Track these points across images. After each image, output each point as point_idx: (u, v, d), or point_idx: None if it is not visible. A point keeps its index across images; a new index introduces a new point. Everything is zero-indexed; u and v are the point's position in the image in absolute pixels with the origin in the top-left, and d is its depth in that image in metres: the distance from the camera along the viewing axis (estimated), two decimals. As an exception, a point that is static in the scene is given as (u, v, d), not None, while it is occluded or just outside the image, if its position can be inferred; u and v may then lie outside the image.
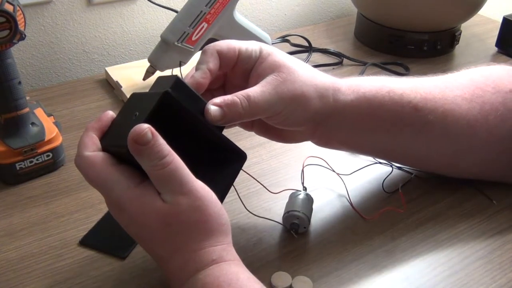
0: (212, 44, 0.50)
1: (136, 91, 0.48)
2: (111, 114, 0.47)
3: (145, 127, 0.41)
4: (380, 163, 0.65)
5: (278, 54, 0.51)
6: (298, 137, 0.55)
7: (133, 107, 0.46)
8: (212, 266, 0.42)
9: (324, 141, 0.56)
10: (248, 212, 0.58)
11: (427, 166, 0.61)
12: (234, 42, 0.50)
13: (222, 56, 0.49)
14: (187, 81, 0.47)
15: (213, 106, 0.46)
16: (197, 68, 0.49)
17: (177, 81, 0.45)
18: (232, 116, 0.46)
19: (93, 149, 0.44)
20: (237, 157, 0.48)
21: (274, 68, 0.49)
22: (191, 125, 0.45)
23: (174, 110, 0.44)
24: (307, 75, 0.51)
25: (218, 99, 0.46)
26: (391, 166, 0.64)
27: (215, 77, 0.50)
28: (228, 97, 0.46)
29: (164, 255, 0.44)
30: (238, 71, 0.51)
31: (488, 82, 0.57)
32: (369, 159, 0.65)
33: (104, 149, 0.45)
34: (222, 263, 0.42)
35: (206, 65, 0.48)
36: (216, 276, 0.41)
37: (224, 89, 0.53)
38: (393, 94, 0.54)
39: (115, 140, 0.45)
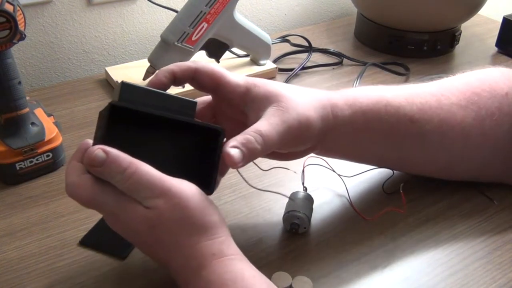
0: (194, 61, 0.51)
1: (101, 109, 0.47)
2: (89, 142, 0.46)
3: (95, 149, 0.42)
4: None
5: (268, 84, 0.51)
6: (301, 154, 0.55)
7: (99, 124, 0.46)
8: (214, 262, 0.42)
9: (325, 153, 0.57)
10: (248, 212, 0.58)
11: (424, 171, 0.61)
12: (217, 69, 0.50)
13: (197, 75, 0.50)
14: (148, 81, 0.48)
15: (233, 149, 0.45)
16: (158, 73, 0.49)
17: (123, 87, 0.44)
18: (251, 154, 0.45)
19: (77, 174, 0.44)
20: (214, 135, 0.47)
21: (271, 98, 0.49)
22: (155, 122, 0.45)
23: (128, 116, 0.44)
24: (304, 97, 0.51)
25: (231, 142, 0.45)
26: (392, 170, 0.64)
27: (206, 106, 0.52)
28: (240, 137, 0.46)
29: (162, 256, 0.44)
30: (225, 101, 0.51)
31: (484, 86, 0.58)
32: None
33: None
34: (225, 259, 0.42)
35: (174, 68, 0.49)
36: (220, 273, 0.41)
37: (217, 119, 0.54)
38: (389, 108, 0.54)
39: None
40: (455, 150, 0.57)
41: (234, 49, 0.86)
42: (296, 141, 0.51)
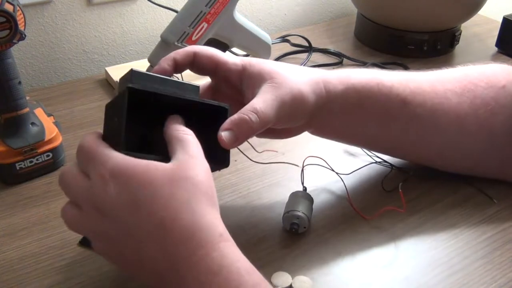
0: (194, 46, 0.52)
1: (107, 102, 0.47)
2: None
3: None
4: (379, 163, 0.65)
5: (262, 63, 0.52)
6: (295, 131, 0.57)
7: (112, 115, 0.46)
8: (223, 244, 0.39)
9: (319, 131, 0.58)
10: (248, 212, 0.58)
11: (416, 157, 0.62)
12: (216, 52, 0.52)
13: (197, 59, 0.51)
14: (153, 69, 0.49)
15: (224, 132, 0.46)
16: (164, 58, 0.50)
17: (133, 73, 0.45)
18: (245, 133, 0.47)
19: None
20: (222, 113, 0.49)
21: (265, 75, 0.51)
22: (169, 104, 0.46)
23: (145, 99, 0.45)
24: (297, 73, 0.53)
25: (225, 124, 0.47)
26: (390, 166, 0.64)
27: (206, 88, 0.54)
28: (234, 117, 0.47)
29: (166, 215, 0.39)
30: (224, 81, 0.53)
31: (482, 78, 0.58)
32: (368, 159, 0.65)
33: None
34: (231, 244, 0.40)
35: (175, 55, 0.50)
36: (233, 260, 0.39)
37: (217, 101, 0.54)
38: (381, 86, 0.55)
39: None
40: (449, 136, 0.57)
41: (234, 49, 0.86)
42: (290, 116, 0.52)
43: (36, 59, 0.89)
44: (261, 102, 0.48)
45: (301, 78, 0.52)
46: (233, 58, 0.53)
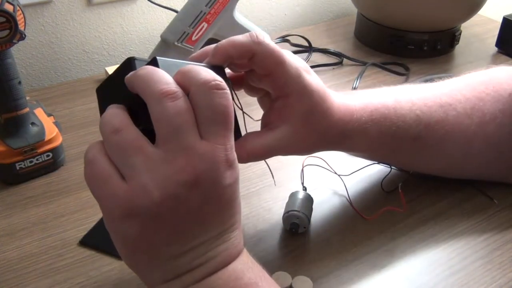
0: (256, 38, 0.44)
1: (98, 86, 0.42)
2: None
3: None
4: (379, 163, 0.65)
5: (314, 100, 0.47)
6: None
7: (111, 93, 0.41)
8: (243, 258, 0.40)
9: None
10: (248, 212, 0.58)
11: (421, 171, 0.62)
12: (277, 55, 0.44)
13: (256, 57, 0.44)
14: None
15: None
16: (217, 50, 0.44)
17: (154, 62, 0.39)
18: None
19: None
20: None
21: (306, 108, 0.47)
22: None
23: None
24: (334, 106, 0.49)
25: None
26: (390, 166, 0.64)
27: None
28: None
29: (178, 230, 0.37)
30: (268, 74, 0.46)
31: (488, 90, 0.58)
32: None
33: None
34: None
35: (230, 48, 0.43)
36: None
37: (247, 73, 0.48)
38: (397, 131, 0.53)
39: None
40: (456, 158, 0.58)
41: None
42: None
43: (36, 59, 0.89)
44: (272, 143, 0.47)
45: (334, 119, 0.49)
46: (291, 66, 0.45)
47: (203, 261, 0.38)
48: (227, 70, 0.47)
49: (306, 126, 0.47)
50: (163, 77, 0.36)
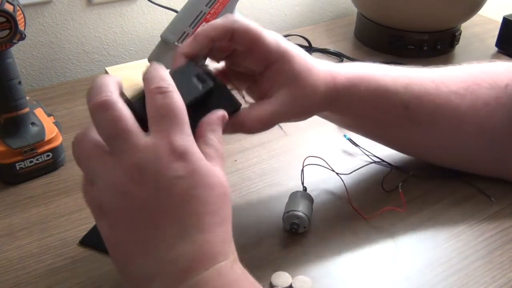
0: (232, 18, 0.48)
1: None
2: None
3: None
4: (379, 163, 0.65)
5: (297, 58, 0.51)
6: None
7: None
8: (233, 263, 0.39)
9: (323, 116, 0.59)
10: (248, 212, 0.58)
11: (414, 155, 0.63)
12: (254, 29, 0.49)
13: (236, 34, 0.48)
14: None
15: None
16: (199, 34, 0.47)
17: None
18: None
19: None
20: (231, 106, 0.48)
21: (290, 80, 0.51)
22: None
23: None
24: (316, 71, 0.52)
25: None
26: (390, 166, 0.64)
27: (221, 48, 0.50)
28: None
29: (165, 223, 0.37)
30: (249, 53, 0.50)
31: (485, 77, 0.59)
32: (368, 159, 0.65)
33: None
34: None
35: (210, 32, 0.47)
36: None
37: (230, 60, 0.52)
38: (387, 94, 0.56)
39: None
40: (447, 137, 0.58)
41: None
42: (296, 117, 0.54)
43: (36, 59, 0.89)
44: (271, 115, 0.49)
45: (319, 77, 0.52)
46: (269, 44, 0.49)
47: (167, 265, 0.37)
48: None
49: (297, 86, 0.51)
50: (99, 89, 0.40)
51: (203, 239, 0.37)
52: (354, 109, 0.56)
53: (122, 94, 0.41)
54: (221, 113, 0.43)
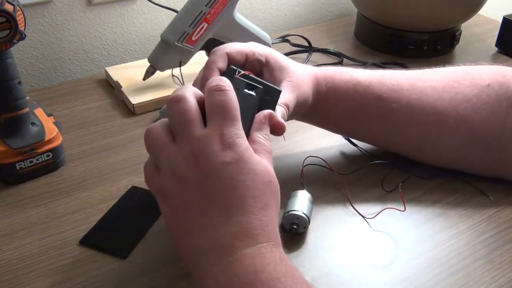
0: (222, 46, 0.54)
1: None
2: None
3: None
4: (378, 163, 0.65)
5: (282, 58, 0.57)
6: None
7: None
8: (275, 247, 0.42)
9: (304, 119, 0.63)
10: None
11: (395, 149, 0.64)
12: (242, 46, 0.55)
13: (230, 58, 0.53)
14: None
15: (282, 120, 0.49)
16: (207, 67, 0.52)
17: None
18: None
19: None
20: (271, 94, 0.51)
21: (284, 73, 0.56)
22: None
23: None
24: (304, 75, 0.57)
25: (278, 113, 0.50)
26: (390, 166, 0.64)
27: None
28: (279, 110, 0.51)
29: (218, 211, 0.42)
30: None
31: (467, 77, 0.61)
32: (367, 159, 0.65)
33: None
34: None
35: (215, 64, 0.52)
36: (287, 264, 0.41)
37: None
38: (359, 87, 0.60)
39: None
40: (425, 130, 0.60)
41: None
42: (296, 114, 0.58)
43: (36, 59, 0.89)
44: (291, 99, 0.54)
45: (307, 79, 0.57)
46: (256, 48, 0.55)
47: (213, 242, 0.41)
48: None
49: (291, 74, 0.56)
50: (180, 90, 0.45)
51: (246, 220, 0.41)
52: (330, 100, 0.59)
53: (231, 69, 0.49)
54: (267, 112, 0.47)
